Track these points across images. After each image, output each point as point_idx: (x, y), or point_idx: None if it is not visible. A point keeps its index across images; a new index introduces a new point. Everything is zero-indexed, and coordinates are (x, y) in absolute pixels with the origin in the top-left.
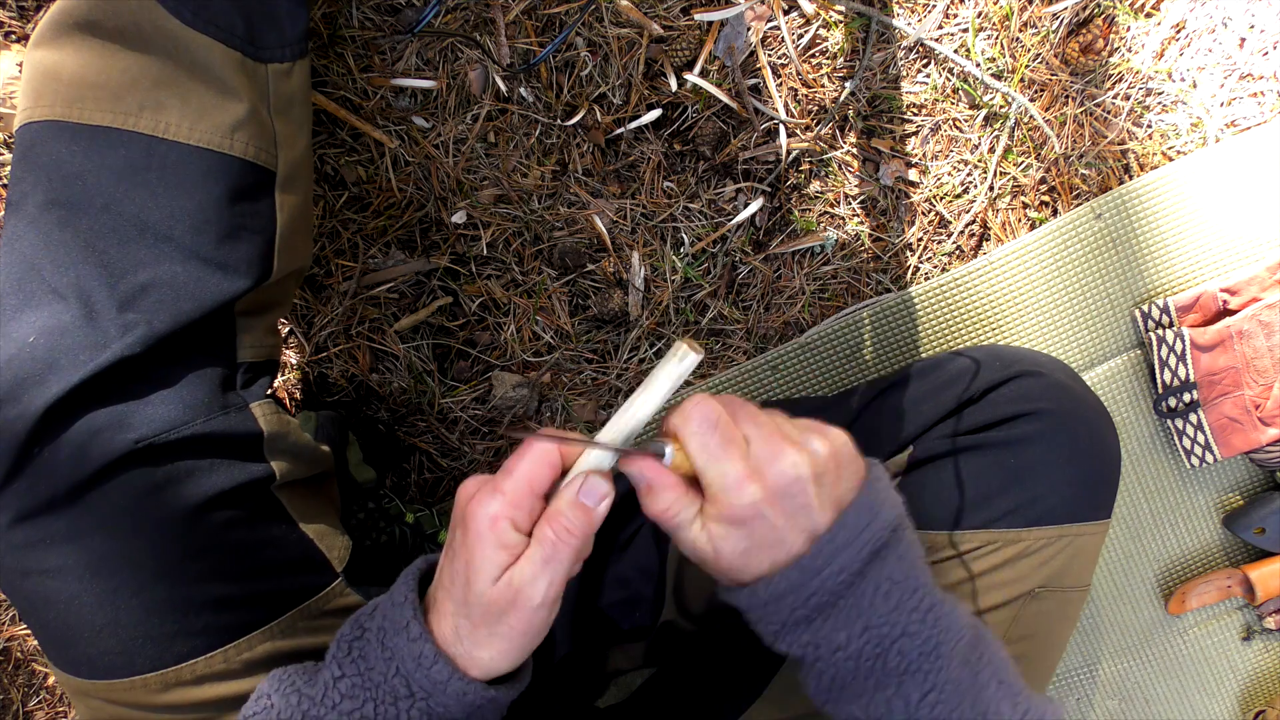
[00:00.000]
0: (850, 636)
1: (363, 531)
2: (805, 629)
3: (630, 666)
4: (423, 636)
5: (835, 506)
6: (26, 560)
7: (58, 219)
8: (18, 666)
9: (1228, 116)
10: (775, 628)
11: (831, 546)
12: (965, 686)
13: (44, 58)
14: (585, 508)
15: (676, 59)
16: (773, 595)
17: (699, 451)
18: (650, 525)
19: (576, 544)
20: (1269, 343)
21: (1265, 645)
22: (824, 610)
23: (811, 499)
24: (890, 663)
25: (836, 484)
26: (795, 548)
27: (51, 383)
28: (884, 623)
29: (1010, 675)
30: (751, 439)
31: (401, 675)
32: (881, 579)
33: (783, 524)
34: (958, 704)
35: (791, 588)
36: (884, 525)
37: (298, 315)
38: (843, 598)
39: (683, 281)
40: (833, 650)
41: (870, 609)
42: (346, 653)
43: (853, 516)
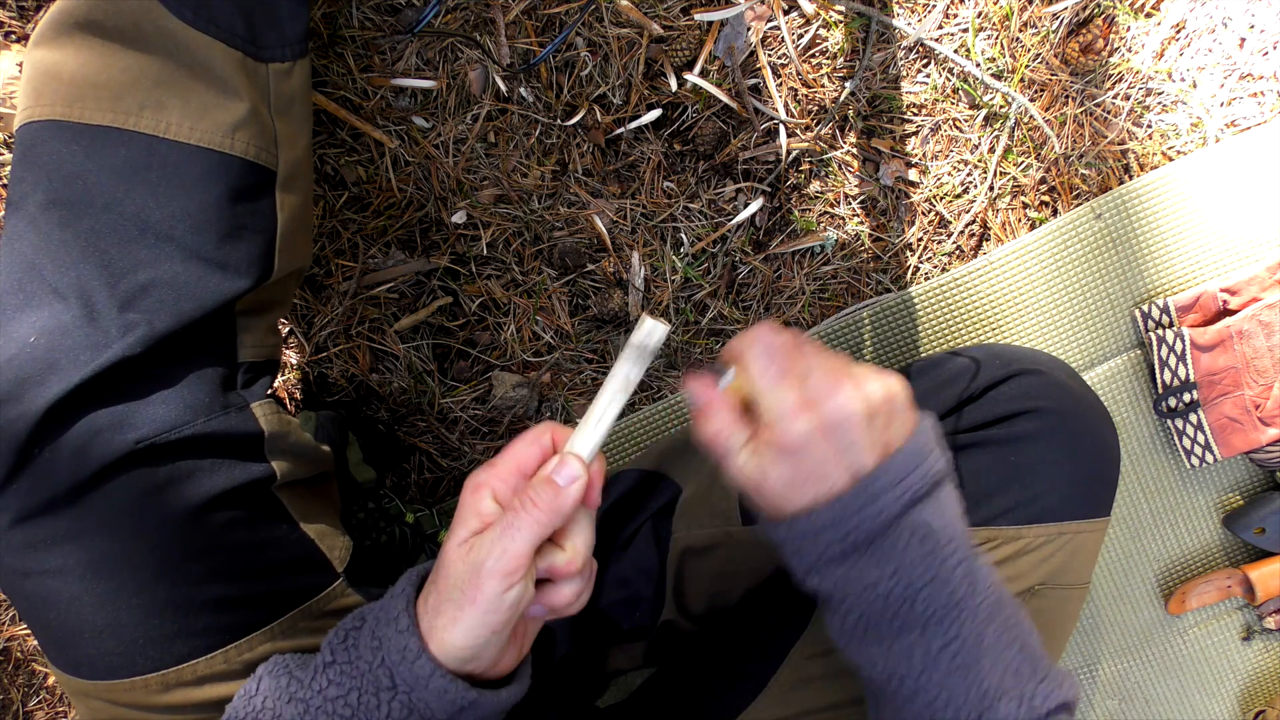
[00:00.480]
0: (881, 577)
1: (363, 531)
2: (838, 566)
3: (630, 666)
4: (410, 630)
5: (882, 449)
6: (27, 560)
7: (58, 219)
8: (18, 666)
9: (1228, 116)
10: (810, 561)
11: (875, 487)
12: (987, 644)
13: (44, 57)
14: (553, 484)
15: (676, 59)
16: (809, 530)
17: (758, 377)
18: (650, 526)
19: (538, 516)
20: (1269, 343)
21: (1265, 645)
22: (859, 549)
23: (860, 437)
24: (917, 608)
25: (887, 428)
26: (839, 484)
27: (52, 383)
28: (915, 568)
29: (1033, 643)
30: (810, 371)
31: (386, 666)
32: (919, 525)
33: (830, 458)
34: (977, 660)
35: (829, 524)
36: (926, 474)
37: (298, 315)
38: (879, 539)
39: (683, 281)
40: (861, 589)
41: (904, 552)
42: (341, 640)
43: (898, 461)
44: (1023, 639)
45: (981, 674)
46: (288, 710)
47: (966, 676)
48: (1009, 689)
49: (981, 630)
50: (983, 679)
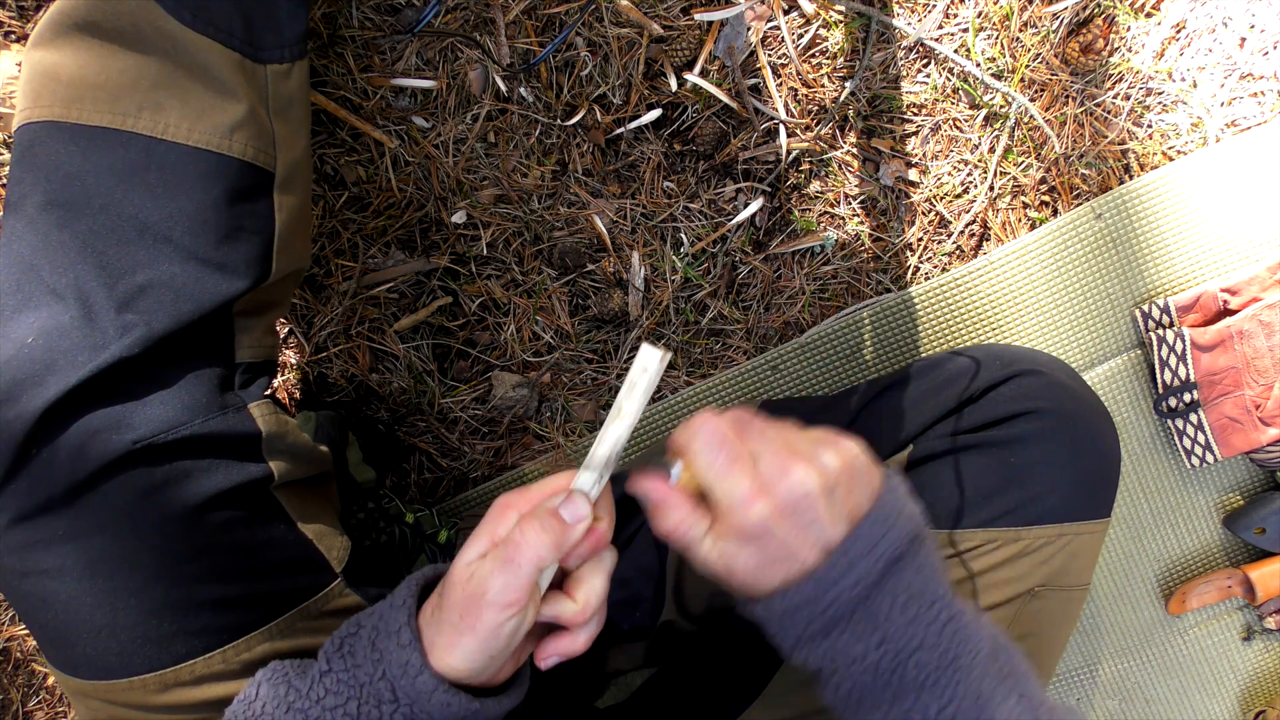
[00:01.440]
0: (868, 649)
1: (362, 531)
2: (822, 641)
3: (630, 666)
4: (412, 644)
5: (849, 519)
6: (25, 561)
7: (56, 219)
8: (17, 666)
9: (1228, 116)
10: (792, 640)
11: (845, 559)
12: (985, 699)
13: (43, 58)
14: (559, 519)
15: (676, 59)
16: (787, 609)
17: (706, 469)
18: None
19: (541, 552)
20: (1269, 343)
21: (1265, 645)
22: (840, 622)
23: (821, 513)
24: (908, 675)
25: (849, 496)
26: (809, 561)
27: (50, 383)
28: (901, 635)
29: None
30: (759, 455)
31: (387, 680)
32: (899, 590)
33: (794, 539)
34: (976, 716)
35: (806, 601)
36: (900, 536)
37: (298, 315)
38: (859, 609)
39: (683, 281)
40: (849, 662)
41: (887, 621)
42: (338, 648)
43: (866, 528)
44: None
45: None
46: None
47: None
48: None
49: (978, 687)
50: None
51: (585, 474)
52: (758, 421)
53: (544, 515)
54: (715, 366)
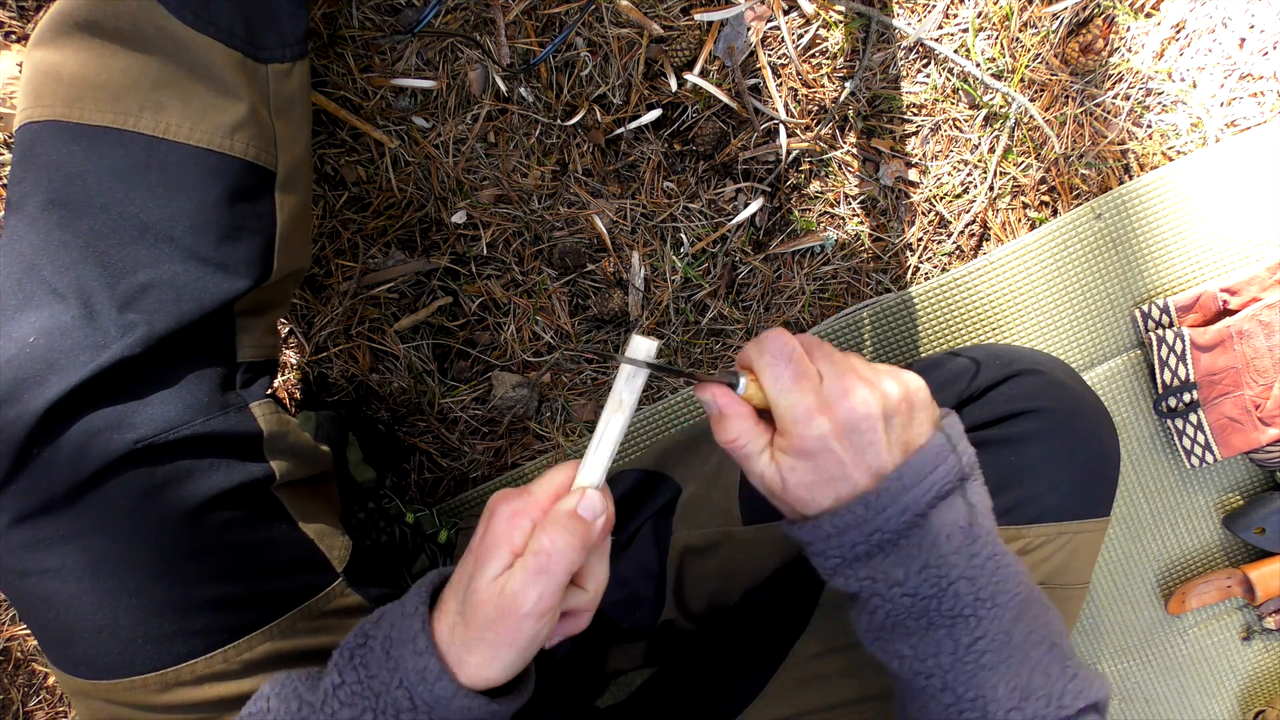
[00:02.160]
0: (908, 574)
1: (363, 531)
2: (864, 564)
3: (630, 666)
4: (429, 650)
5: (904, 448)
6: (26, 561)
7: (58, 219)
8: (18, 666)
9: (1228, 116)
10: (835, 561)
11: (897, 486)
12: (1016, 642)
13: (44, 58)
14: (583, 521)
15: (676, 59)
16: (835, 529)
17: (772, 382)
18: (650, 526)
19: (571, 557)
20: (1269, 343)
21: (1265, 645)
22: (885, 548)
23: (880, 437)
24: (945, 604)
25: (907, 426)
26: (861, 484)
27: (51, 383)
28: (943, 564)
29: (1063, 642)
30: (825, 374)
31: (405, 688)
32: (945, 522)
33: (850, 459)
34: (1006, 656)
35: (855, 523)
36: (951, 471)
37: (298, 315)
38: (905, 537)
39: (683, 281)
40: (890, 586)
41: (931, 549)
42: (349, 660)
43: (920, 459)
44: (1052, 638)
45: (1010, 671)
46: None
47: (995, 673)
48: (1037, 688)
49: (1010, 628)
50: (1011, 677)
51: (592, 467)
52: (826, 344)
53: (567, 519)
54: (715, 367)
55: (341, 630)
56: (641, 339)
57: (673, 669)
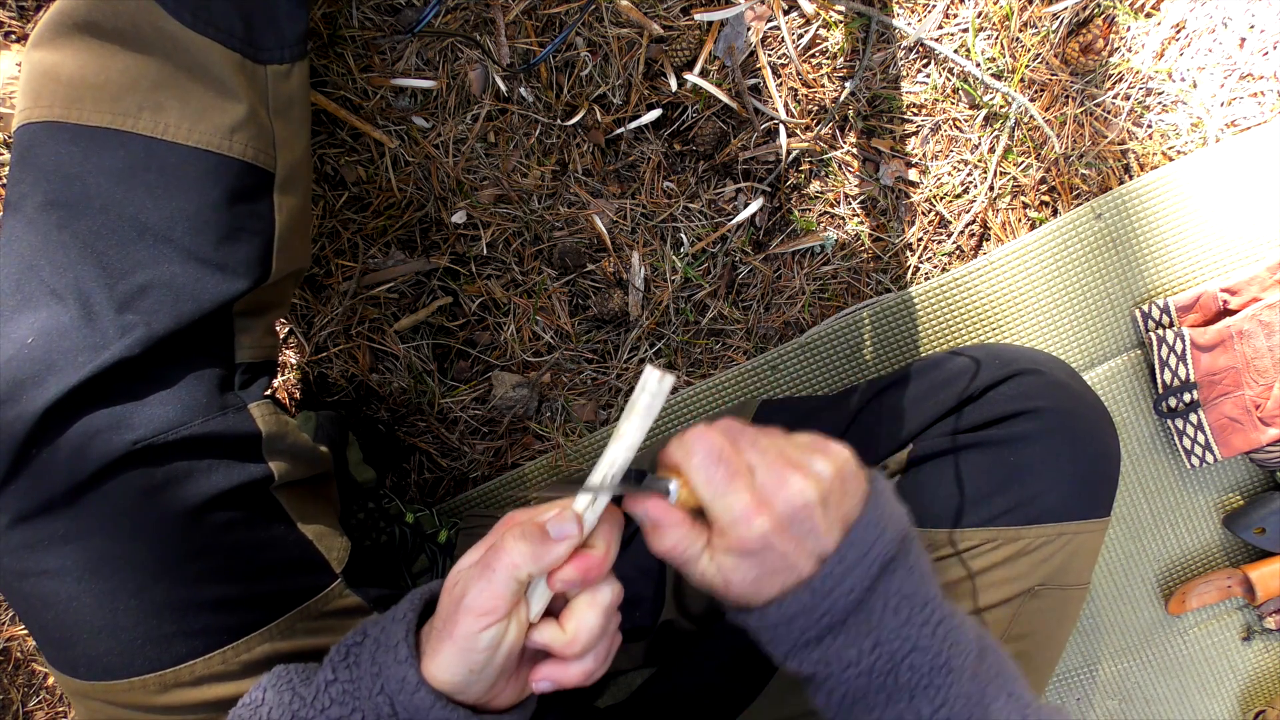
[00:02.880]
0: (861, 653)
1: (362, 531)
2: (816, 648)
3: (630, 666)
4: (409, 660)
5: (842, 526)
6: (25, 561)
7: (56, 220)
8: (18, 666)
9: (1228, 116)
10: (786, 648)
11: (841, 567)
12: (975, 700)
13: (43, 58)
14: (540, 530)
15: (676, 59)
16: (783, 618)
17: (704, 486)
18: None
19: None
20: (1269, 343)
21: (1265, 645)
22: (834, 629)
23: (818, 523)
24: (901, 678)
25: (841, 503)
26: (805, 570)
27: (50, 384)
28: (895, 638)
29: (1019, 688)
30: (755, 467)
31: (386, 695)
32: (890, 594)
33: (792, 550)
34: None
35: (802, 610)
36: (891, 539)
37: (298, 315)
38: (853, 615)
39: (683, 281)
40: (844, 667)
41: (880, 625)
42: (343, 657)
43: (859, 534)
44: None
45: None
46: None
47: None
48: None
49: (969, 688)
50: None
51: (582, 495)
52: (749, 431)
53: (527, 525)
54: (715, 366)
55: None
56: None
57: (673, 669)
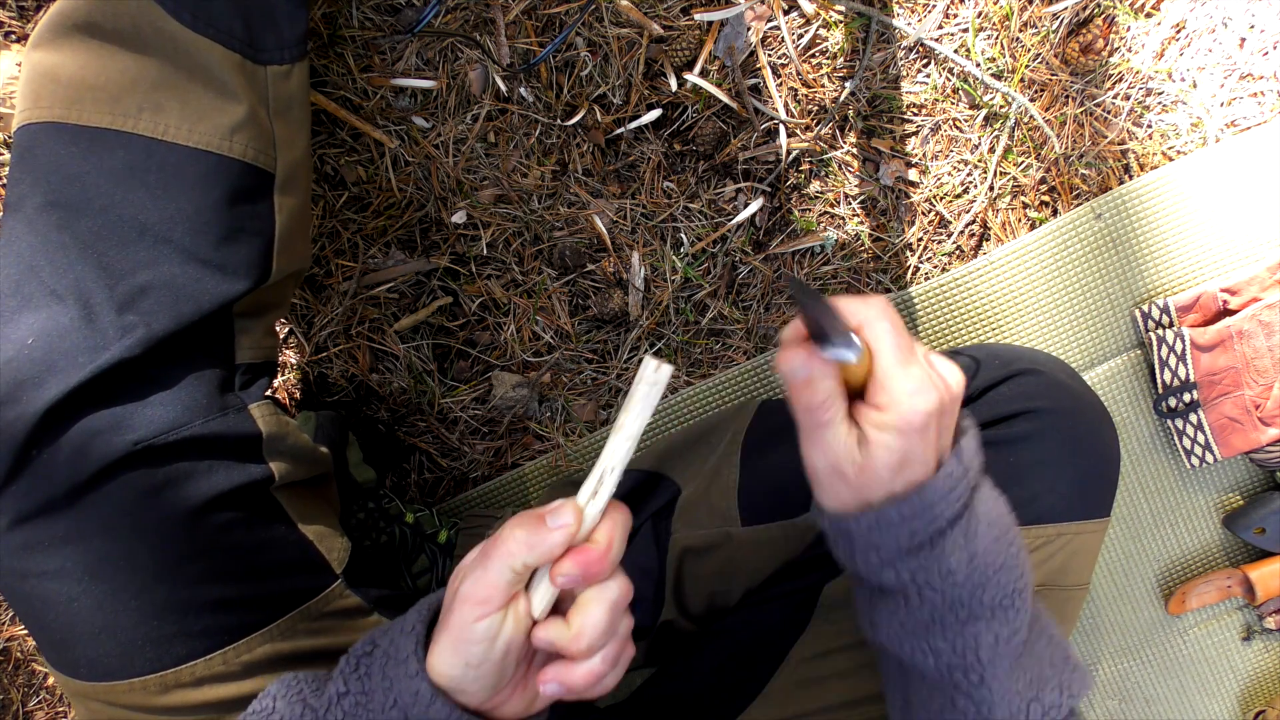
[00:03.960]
0: (959, 563)
1: (363, 532)
2: (917, 555)
3: (630, 666)
4: (419, 674)
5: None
6: (25, 562)
7: (56, 221)
8: (18, 666)
9: (1228, 116)
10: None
11: (960, 468)
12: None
13: (43, 59)
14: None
15: (676, 59)
16: (900, 517)
17: (890, 351)
18: (650, 525)
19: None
20: (1269, 343)
21: (1265, 645)
22: (938, 536)
23: (952, 421)
24: (986, 596)
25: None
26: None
27: (50, 384)
28: (987, 553)
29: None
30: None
31: (399, 708)
32: (984, 510)
33: (934, 442)
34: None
35: (922, 509)
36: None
37: (298, 315)
38: (956, 524)
39: (683, 281)
40: (943, 576)
41: (977, 539)
42: (354, 669)
43: (966, 445)
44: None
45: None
46: None
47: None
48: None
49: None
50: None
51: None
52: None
53: (525, 514)
54: (715, 366)
55: (341, 631)
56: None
57: (673, 669)
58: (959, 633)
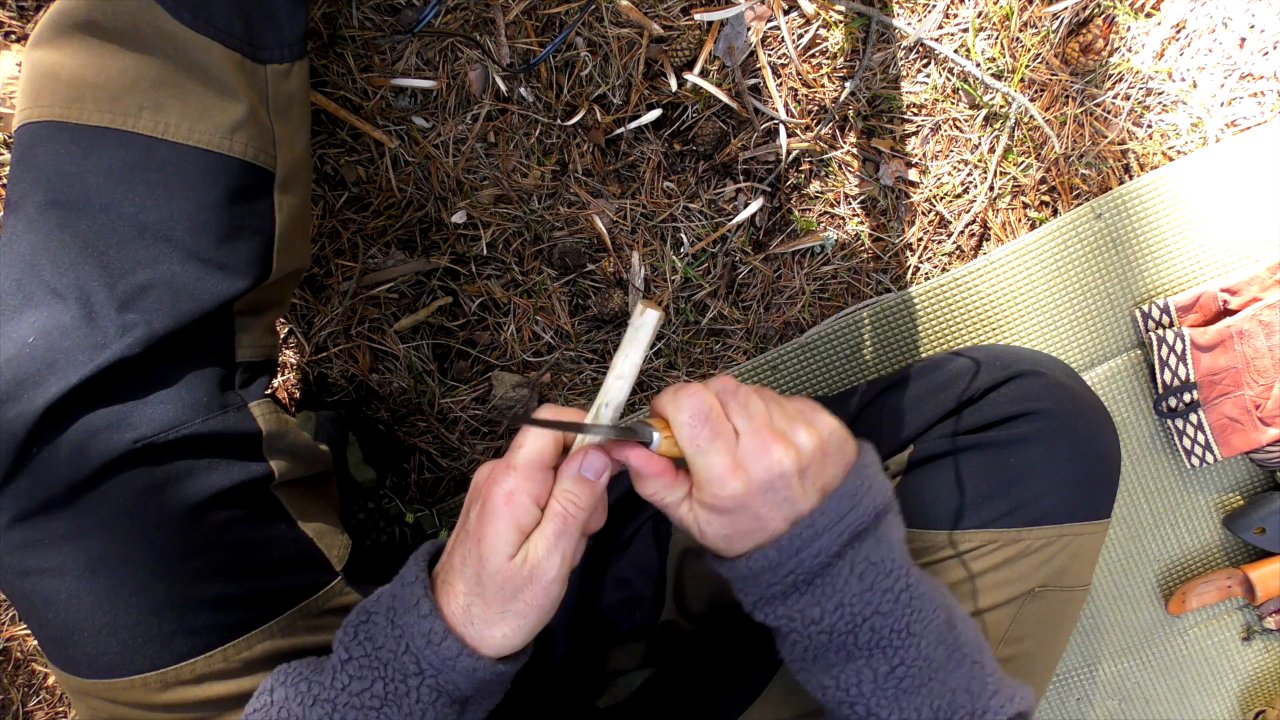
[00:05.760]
0: (824, 613)
1: (363, 531)
2: (781, 603)
3: (630, 666)
4: (433, 614)
5: (820, 493)
6: (26, 560)
7: (57, 219)
8: (18, 666)
9: (1228, 116)
10: (753, 598)
11: (810, 531)
12: (937, 664)
13: (43, 58)
14: (588, 482)
15: (676, 59)
16: (750, 572)
17: (687, 442)
18: (650, 526)
19: (584, 517)
20: (1269, 343)
21: (1265, 645)
22: (800, 587)
23: (794, 491)
24: (861, 639)
25: (821, 472)
26: (777, 530)
27: (51, 383)
28: (858, 601)
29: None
30: (741, 432)
31: (411, 653)
32: (858, 561)
33: (765, 513)
34: (927, 680)
35: (769, 566)
36: (866, 510)
37: (298, 315)
38: (820, 577)
39: (683, 281)
40: (806, 624)
41: (844, 588)
42: (353, 636)
43: (834, 503)
44: (974, 656)
45: (932, 694)
46: (314, 713)
47: (916, 697)
48: (960, 706)
49: (929, 653)
50: (933, 699)
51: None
52: (742, 391)
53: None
54: (715, 366)
55: None
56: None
57: (673, 669)
58: (842, 669)
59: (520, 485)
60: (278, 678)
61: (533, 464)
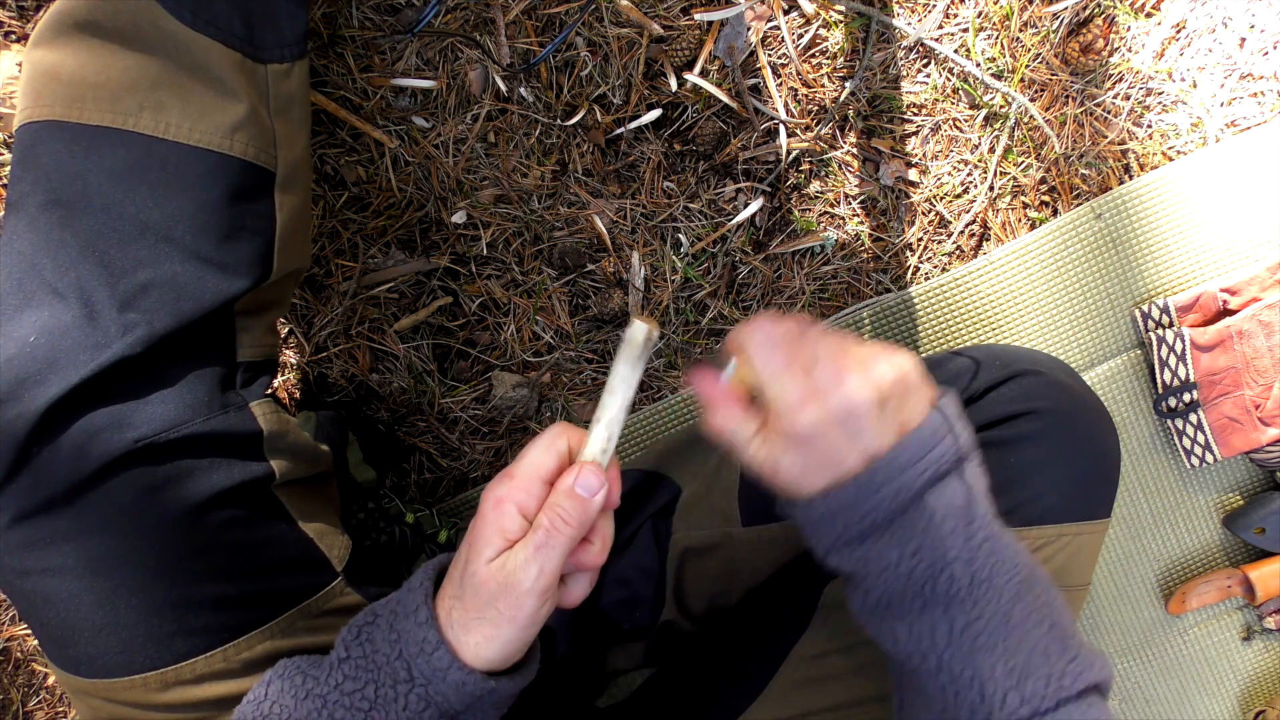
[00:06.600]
0: (902, 556)
1: (363, 531)
2: (857, 546)
3: (630, 666)
4: (429, 623)
5: (898, 430)
6: (26, 559)
7: (58, 219)
8: (18, 666)
9: (1228, 116)
10: (828, 542)
11: (889, 469)
12: (1015, 622)
13: (43, 58)
14: (580, 498)
15: (676, 59)
16: (827, 512)
17: (761, 369)
18: (650, 526)
19: (570, 533)
20: (1269, 343)
21: (1265, 645)
22: (877, 529)
23: (872, 423)
24: (939, 586)
25: (900, 410)
26: (855, 467)
27: (51, 382)
28: (938, 547)
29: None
30: (817, 360)
31: (404, 659)
32: (940, 504)
33: (842, 445)
34: (1004, 637)
35: (846, 505)
36: (945, 453)
37: (298, 315)
38: (898, 519)
39: (683, 281)
40: (882, 569)
41: (925, 532)
42: (355, 636)
43: (913, 442)
44: (1053, 618)
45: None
46: (305, 706)
47: (992, 654)
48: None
49: (1008, 609)
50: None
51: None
52: (819, 326)
53: (565, 497)
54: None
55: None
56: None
57: (673, 669)
58: (916, 619)
59: (511, 494)
60: (277, 670)
61: (529, 475)
